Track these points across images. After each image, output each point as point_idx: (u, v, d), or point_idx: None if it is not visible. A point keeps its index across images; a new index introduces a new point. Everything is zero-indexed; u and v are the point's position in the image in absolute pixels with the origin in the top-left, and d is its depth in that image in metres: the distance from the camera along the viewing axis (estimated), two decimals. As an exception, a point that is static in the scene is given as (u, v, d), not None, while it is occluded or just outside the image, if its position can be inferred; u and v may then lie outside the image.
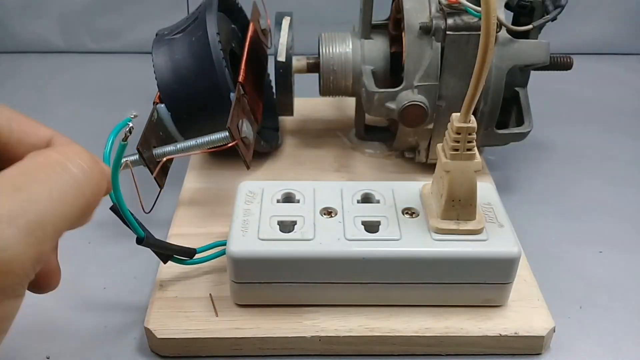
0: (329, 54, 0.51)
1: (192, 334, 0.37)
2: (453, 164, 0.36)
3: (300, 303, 0.39)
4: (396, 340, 0.37)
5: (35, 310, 0.41)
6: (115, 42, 0.82)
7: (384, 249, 0.37)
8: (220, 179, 0.53)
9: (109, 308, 0.41)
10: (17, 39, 0.81)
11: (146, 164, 0.41)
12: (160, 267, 0.42)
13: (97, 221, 0.49)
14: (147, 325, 0.38)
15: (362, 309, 0.39)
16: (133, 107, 0.32)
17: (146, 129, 0.43)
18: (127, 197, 0.34)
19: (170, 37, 0.48)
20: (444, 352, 0.38)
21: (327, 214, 0.39)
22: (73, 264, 0.45)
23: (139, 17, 0.80)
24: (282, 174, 0.53)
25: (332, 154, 0.56)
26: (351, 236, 0.37)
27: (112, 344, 0.39)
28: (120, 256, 0.46)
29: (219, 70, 0.45)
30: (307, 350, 0.38)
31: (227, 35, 0.51)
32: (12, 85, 0.74)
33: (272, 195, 0.41)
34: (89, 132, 0.62)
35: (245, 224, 0.38)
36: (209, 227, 0.46)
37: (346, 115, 0.62)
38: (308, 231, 0.38)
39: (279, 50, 0.50)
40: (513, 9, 0.48)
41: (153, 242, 0.36)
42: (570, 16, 0.64)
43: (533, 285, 0.41)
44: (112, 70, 0.78)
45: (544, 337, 0.37)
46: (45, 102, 0.70)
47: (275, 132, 0.58)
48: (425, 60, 0.46)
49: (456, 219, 0.37)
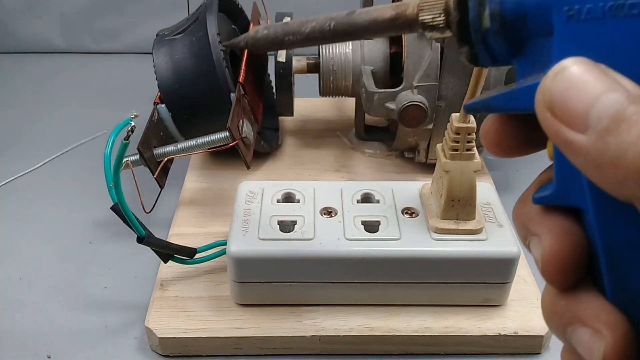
0: (329, 54, 0.51)
1: (193, 334, 0.37)
2: (452, 164, 0.36)
3: (300, 302, 0.39)
4: (396, 340, 0.37)
5: (36, 310, 0.41)
6: (116, 43, 0.82)
7: (384, 248, 0.37)
8: (220, 179, 0.53)
9: (110, 307, 0.42)
10: (17, 39, 0.81)
11: (147, 163, 0.41)
12: (160, 267, 0.42)
13: (98, 221, 0.50)
14: (148, 324, 0.38)
15: (362, 309, 0.39)
16: (133, 108, 0.32)
17: (147, 129, 0.43)
18: (128, 196, 0.34)
19: (170, 38, 0.48)
20: (444, 352, 0.38)
21: (327, 213, 0.39)
22: (74, 264, 0.45)
23: (140, 18, 0.81)
24: (282, 174, 0.54)
25: (332, 154, 0.56)
26: (351, 236, 0.37)
27: (113, 343, 0.39)
28: (121, 256, 0.46)
29: (220, 70, 0.45)
30: (307, 350, 0.38)
31: (227, 35, 0.51)
32: (12, 85, 0.74)
33: (272, 195, 0.41)
34: (89, 132, 0.63)
35: (245, 223, 0.38)
36: (209, 227, 0.46)
37: (346, 115, 0.62)
38: (308, 231, 0.38)
39: (279, 51, 0.50)
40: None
41: (153, 242, 0.37)
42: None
43: (532, 284, 0.41)
44: (113, 70, 0.78)
45: (543, 337, 0.37)
46: (45, 102, 0.70)
47: (275, 132, 0.58)
48: (425, 60, 0.46)
49: (456, 219, 0.37)
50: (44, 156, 0.58)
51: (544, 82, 0.16)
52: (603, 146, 0.15)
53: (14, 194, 0.53)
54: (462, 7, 0.19)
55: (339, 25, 0.24)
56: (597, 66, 0.16)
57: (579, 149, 0.15)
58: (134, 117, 0.29)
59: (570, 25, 0.16)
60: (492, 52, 0.19)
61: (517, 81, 0.19)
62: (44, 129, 0.63)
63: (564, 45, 0.16)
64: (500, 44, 0.18)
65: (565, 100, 0.16)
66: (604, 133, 0.15)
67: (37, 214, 0.50)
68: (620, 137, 0.15)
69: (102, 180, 0.34)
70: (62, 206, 0.52)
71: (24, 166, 0.56)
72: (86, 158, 0.57)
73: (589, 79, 0.15)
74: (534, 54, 0.18)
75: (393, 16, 0.23)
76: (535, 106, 0.16)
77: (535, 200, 0.19)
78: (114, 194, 0.33)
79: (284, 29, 0.26)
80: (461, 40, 0.19)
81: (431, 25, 0.21)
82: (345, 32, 0.24)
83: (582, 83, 0.15)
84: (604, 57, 0.16)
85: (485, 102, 0.19)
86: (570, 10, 0.16)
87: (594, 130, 0.15)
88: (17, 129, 0.64)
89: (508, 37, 0.18)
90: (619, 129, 0.15)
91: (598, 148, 0.15)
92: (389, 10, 0.23)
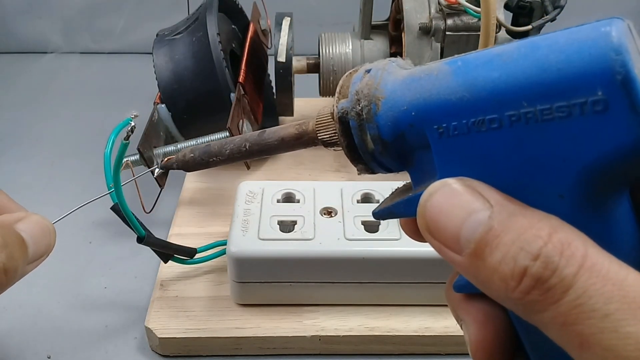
0: (329, 55, 0.51)
1: (193, 334, 0.37)
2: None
3: (300, 303, 0.39)
4: (396, 340, 0.37)
5: (36, 310, 0.41)
6: (116, 43, 0.82)
7: (384, 248, 0.37)
8: (220, 179, 0.53)
9: (110, 307, 0.42)
10: (17, 39, 0.81)
11: (147, 163, 0.41)
12: (160, 267, 0.42)
13: (98, 221, 0.50)
14: (148, 324, 0.38)
15: (362, 309, 0.39)
16: (133, 108, 0.32)
17: (147, 129, 0.43)
18: (128, 197, 0.34)
19: (170, 38, 0.48)
20: (444, 352, 0.38)
21: (327, 213, 0.39)
22: (74, 264, 0.45)
23: (140, 18, 0.81)
24: (282, 174, 0.54)
25: (332, 154, 0.56)
26: (351, 236, 0.37)
27: (113, 343, 0.39)
28: (121, 256, 0.46)
29: (219, 70, 0.45)
30: (307, 350, 0.38)
31: (227, 35, 0.51)
32: (12, 85, 0.74)
33: (272, 195, 0.41)
34: (89, 132, 0.62)
35: (245, 223, 0.38)
36: (209, 227, 0.46)
37: (346, 116, 0.62)
38: (308, 231, 0.38)
39: (279, 51, 0.50)
40: (512, 10, 0.49)
41: (153, 242, 0.37)
42: (569, 17, 0.64)
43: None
44: (113, 70, 0.78)
45: (543, 337, 0.37)
46: (45, 102, 0.70)
47: (275, 132, 0.58)
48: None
49: (456, 219, 0.37)
50: (44, 156, 0.58)
51: (419, 206, 0.17)
52: (475, 268, 0.16)
53: (14, 194, 0.53)
54: (347, 133, 0.20)
55: (253, 146, 0.26)
56: (464, 184, 0.17)
57: (459, 268, 0.17)
58: (134, 117, 0.29)
59: (442, 141, 0.18)
60: (385, 166, 0.21)
61: (414, 188, 0.20)
62: (44, 129, 0.63)
63: (441, 159, 0.18)
64: (389, 159, 0.20)
65: (438, 224, 0.17)
66: (473, 257, 0.16)
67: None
68: (486, 262, 0.15)
69: (102, 180, 0.34)
70: (62, 206, 0.52)
71: (24, 166, 0.56)
72: (86, 158, 0.57)
73: (456, 201, 0.16)
74: (421, 164, 0.19)
75: (297, 135, 0.25)
76: (418, 225, 0.18)
77: (456, 288, 0.20)
78: (114, 194, 0.33)
79: (207, 151, 0.29)
80: (354, 159, 0.21)
81: (330, 143, 0.23)
82: (259, 151, 0.26)
83: (450, 206, 0.17)
84: (476, 168, 0.17)
85: (389, 209, 0.21)
86: (440, 128, 0.17)
87: (466, 252, 0.16)
88: (17, 129, 0.64)
89: (393, 154, 0.19)
90: (484, 253, 0.16)
91: (473, 269, 0.16)
92: (293, 129, 0.25)
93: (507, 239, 0.15)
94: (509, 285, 0.15)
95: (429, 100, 0.18)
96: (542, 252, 0.15)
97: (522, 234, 0.15)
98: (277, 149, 0.26)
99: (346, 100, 0.20)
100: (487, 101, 0.16)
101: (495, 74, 0.16)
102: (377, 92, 0.19)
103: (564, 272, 0.14)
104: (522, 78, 0.16)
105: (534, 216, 0.16)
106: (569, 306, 0.14)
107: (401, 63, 0.20)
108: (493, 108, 0.16)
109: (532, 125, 0.16)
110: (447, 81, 0.17)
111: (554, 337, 0.15)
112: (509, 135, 0.16)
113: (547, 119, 0.16)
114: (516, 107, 0.16)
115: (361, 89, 0.19)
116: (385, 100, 0.19)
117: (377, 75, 0.19)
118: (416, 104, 0.18)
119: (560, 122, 0.15)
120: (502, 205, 0.16)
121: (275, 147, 0.25)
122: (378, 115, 0.19)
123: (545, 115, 0.16)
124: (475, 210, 0.16)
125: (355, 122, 0.20)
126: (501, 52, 0.16)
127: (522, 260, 0.15)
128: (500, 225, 0.15)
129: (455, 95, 0.17)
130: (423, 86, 0.18)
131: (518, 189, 0.16)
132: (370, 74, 0.20)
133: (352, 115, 0.20)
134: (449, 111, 0.17)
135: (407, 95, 0.18)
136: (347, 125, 0.20)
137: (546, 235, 0.15)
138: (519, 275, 0.15)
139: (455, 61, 0.17)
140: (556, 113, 0.15)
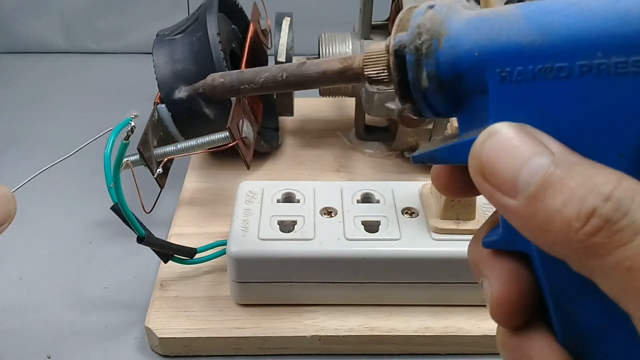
0: (329, 55, 0.51)
1: (193, 334, 0.37)
2: (452, 164, 0.36)
3: (300, 303, 0.39)
4: (396, 340, 0.37)
5: (36, 310, 0.41)
6: (116, 43, 0.82)
7: (384, 248, 0.37)
8: (220, 179, 0.53)
9: (110, 307, 0.42)
10: (17, 39, 0.81)
11: (147, 163, 0.41)
12: (160, 267, 0.42)
13: (98, 221, 0.50)
14: (148, 324, 0.38)
15: (362, 309, 0.39)
16: (133, 108, 0.32)
17: (147, 129, 0.43)
18: (128, 197, 0.34)
19: (170, 38, 0.48)
20: (444, 352, 0.38)
21: (327, 213, 0.39)
22: (74, 264, 0.45)
23: (140, 18, 0.81)
24: (282, 174, 0.54)
25: (332, 154, 0.56)
26: (351, 236, 0.37)
27: (113, 343, 0.39)
28: (121, 256, 0.46)
29: (219, 70, 0.45)
30: (307, 350, 0.38)
31: (227, 35, 0.51)
32: (12, 85, 0.74)
33: (272, 195, 0.41)
34: (89, 132, 0.62)
35: (245, 223, 0.38)
36: (209, 227, 0.46)
37: (346, 115, 0.62)
38: (308, 231, 0.38)
39: (279, 51, 0.50)
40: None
41: (153, 242, 0.37)
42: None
43: (532, 285, 0.41)
44: (113, 70, 0.78)
45: (543, 337, 0.37)
46: (45, 102, 0.70)
47: (275, 132, 0.58)
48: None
49: (456, 219, 0.37)
50: (44, 156, 0.58)
51: (474, 147, 0.17)
52: (532, 212, 0.15)
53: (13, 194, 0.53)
54: (401, 68, 0.19)
55: (290, 77, 0.25)
56: (524, 130, 0.16)
57: (511, 213, 0.16)
58: (134, 117, 0.29)
59: (503, 86, 0.17)
60: (434, 108, 0.20)
61: (460, 135, 0.19)
62: (44, 129, 0.63)
63: (498, 105, 0.17)
64: (440, 101, 0.19)
65: (494, 166, 0.16)
66: (532, 199, 0.15)
67: (37, 214, 0.50)
68: (547, 204, 0.15)
69: (102, 180, 0.34)
70: (62, 206, 0.52)
71: (24, 166, 0.56)
72: (86, 158, 0.57)
73: (516, 143, 0.16)
74: (473, 110, 0.18)
75: (341, 69, 0.23)
76: (469, 169, 0.17)
77: (485, 244, 0.19)
78: (114, 194, 0.33)
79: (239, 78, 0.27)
80: (403, 97, 0.20)
81: (376, 80, 0.22)
82: (296, 82, 0.25)
83: (510, 148, 0.16)
84: (535, 117, 0.16)
85: (431, 154, 0.20)
86: (503, 72, 0.17)
87: (523, 196, 0.16)
88: (17, 129, 0.64)
89: (446, 96, 0.19)
90: (545, 195, 0.15)
91: (528, 213, 0.15)
92: (337, 63, 0.24)
93: (572, 182, 0.15)
94: (572, 227, 0.14)
95: (496, 42, 0.17)
96: (614, 194, 0.14)
97: (591, 178, 0.15)
98: (316, 82, 0.24)
99: (405, 33, 0.19)
100: (559, 47, 0.16)
101: (572, 20, 0.16)
102: (440, 28, 0.18)
103: (636, 215, 0.14)
104: (600, 27, 0.15)
105: (598, 165, 0.15)
106: (638, 250, 0.14)
107: (466, 4, 0.19)
108: (565, 55, 0.16)
109: (603, 77, 0.15)
110: (518, 24, 0.16)
111: (612, 286, 0.15)
112: (577, 86, 0.16)
113: (621, 73, 0.15)
114: (589, 57, 0.15)
115: (423, 23, 0.19)
116: (449, 37, 0.18)
117: (442, 12, 0.18)
118: (481, 45, 0.17)
119: (634, 77, 0.15)
120: (563, 154, 0.16)
121: (314, 80, 0.24)
122: (439, 51, 0.18)
123: (620, 69, 0.15)
124: (537, 153, 0.16)
125: (413, 56, 0.19)
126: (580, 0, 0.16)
127: (591, 201, 0.14)
128: (563, 171, 0.15)
129: (525, 39, 0.16)
130: (491, 27, 0.17)
131: (576, 143, 0.16)
132: (434, 9, 0.19)
133: (410, 49, 0.19)
134: (515, 55, 0.16)
135: (472, 34, 0.17)
136: (402, 60, 0.19)
137: (616, 180, 0.14)
138: (585, 216, 0.14)
139: (529, 5, 0.17)
140: (631, 67, 0.15)
